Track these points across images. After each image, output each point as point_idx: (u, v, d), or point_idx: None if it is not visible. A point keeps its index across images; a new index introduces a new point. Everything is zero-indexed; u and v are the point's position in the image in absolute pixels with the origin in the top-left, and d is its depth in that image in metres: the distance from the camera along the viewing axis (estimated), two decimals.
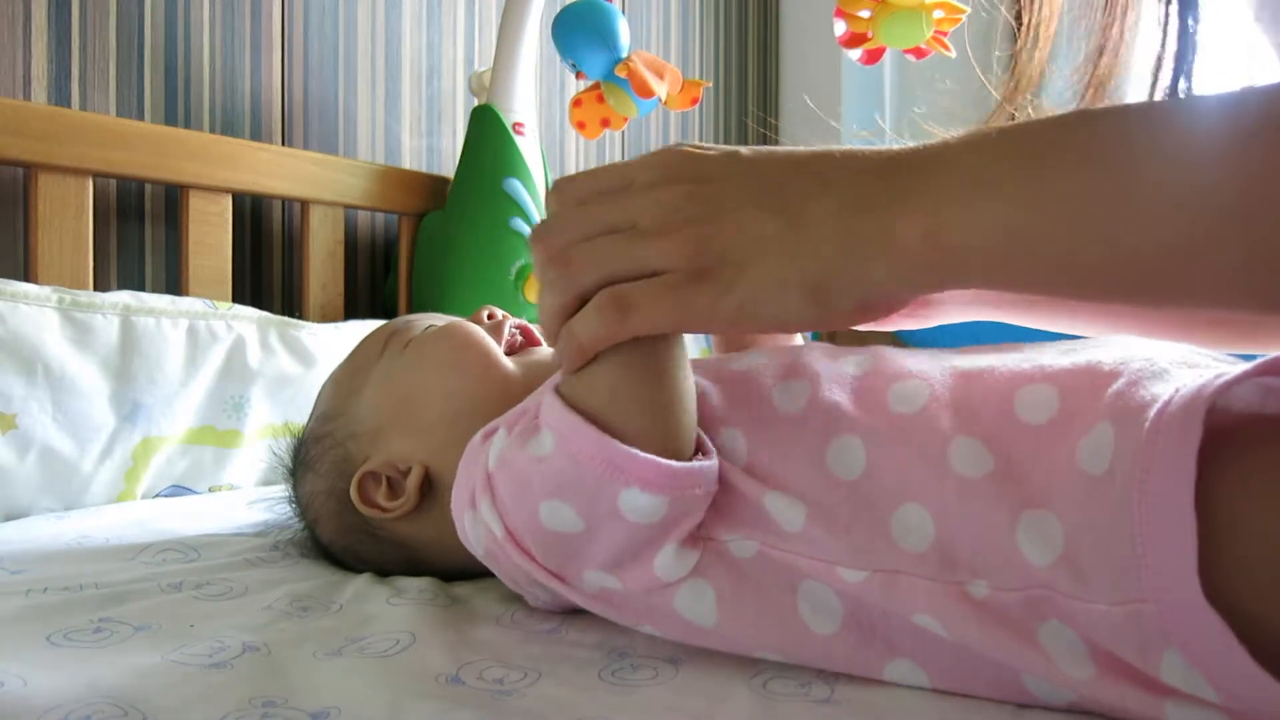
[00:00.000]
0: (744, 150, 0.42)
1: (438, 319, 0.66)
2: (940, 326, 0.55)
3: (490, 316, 0.65)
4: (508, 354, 0.61)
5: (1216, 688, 0.34)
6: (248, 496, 0.87)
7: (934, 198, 0.37)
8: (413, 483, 0.57)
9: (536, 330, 0.64)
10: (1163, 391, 0.37)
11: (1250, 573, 0.34)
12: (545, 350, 0.63)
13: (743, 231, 0.39)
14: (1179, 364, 0.39)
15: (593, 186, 0.43)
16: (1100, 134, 0.36)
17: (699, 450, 0.44)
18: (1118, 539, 0.35)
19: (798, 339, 0.62)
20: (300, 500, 0.64)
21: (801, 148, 0.42)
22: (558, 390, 0.44)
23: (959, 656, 0.39)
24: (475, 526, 0.47)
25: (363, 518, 0.58)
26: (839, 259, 0.38)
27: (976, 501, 0.39)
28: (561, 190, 0.44)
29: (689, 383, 0.44)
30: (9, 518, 0.79)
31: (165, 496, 0.91)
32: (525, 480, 0.44)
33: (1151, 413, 0.36)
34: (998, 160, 0.37)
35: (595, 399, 0.42)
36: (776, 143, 2.11)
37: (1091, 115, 0.37)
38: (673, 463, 0.41)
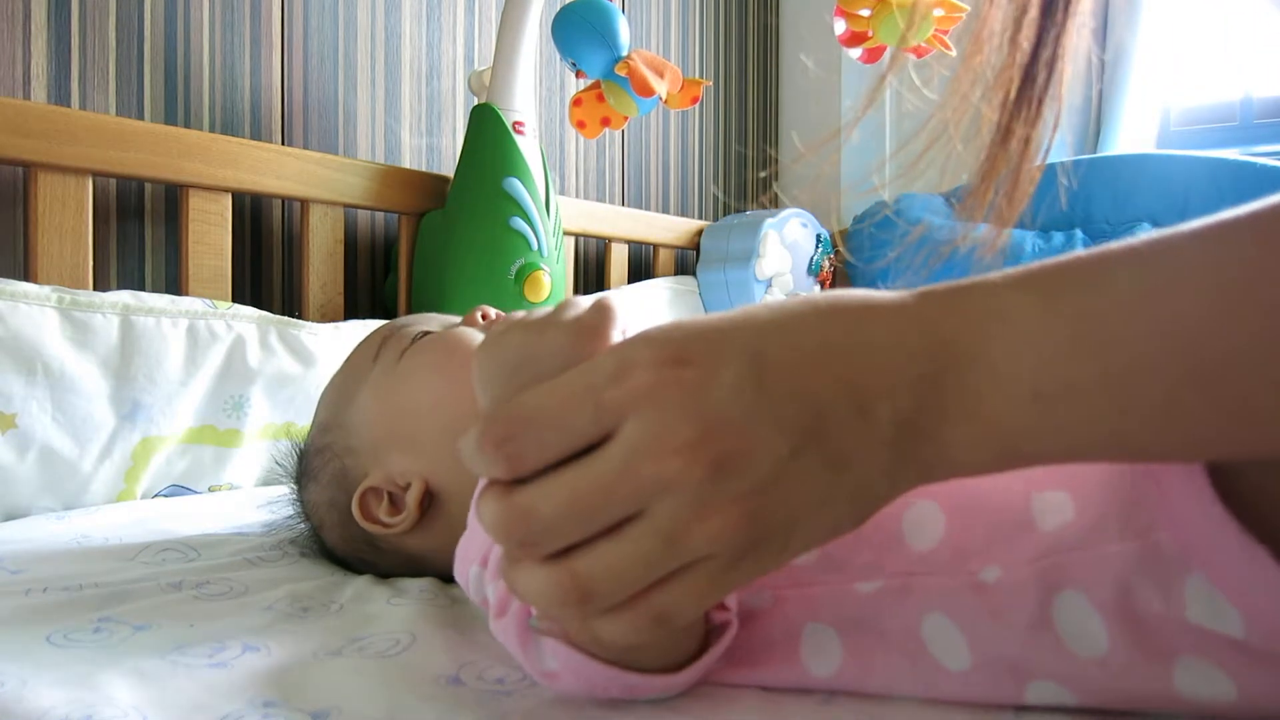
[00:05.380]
0: (744, 364, 0.31)
1: (433, 321, 0.66)
2: None
3: (484, 316, 0.64)
4: None
5: (1240, 608, 0.34)
6: (248, 496, 0.87)
7: (993, 416, 0.31)
8: (413, 499, 0.56)
9: None
10: None
11: (1261, 478, 0.34)
12: None
13: (790, 495, 0.31)
14: None
15: (553, 442, 0.31)
16: (1177, 309, 0.30)
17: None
18: (1122, 475, 0.36)
19: None
20: (305, 507, 0.65)
21: (801, 332, 0.32)
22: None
23: (964, 685, 0.39)
24: (477, 585, 0.46)
25: (365, 530, 0.58)
26: (891, 485, 0.33)
27: (988, 484, 0.40)
28: (509, 451, 0.31)
29: None
30: (9, 517, 0.79)
31: (165, 496, 0.90)
32: (528, 665, 0.40)
33: None
34: (1062, 362, 0.30)
35: (602, 650, 0.37)
36: (776, 141, 2.11)
37: (1155, 286, 0.30)
38: (692, 672, 0.39)
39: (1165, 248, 0.31)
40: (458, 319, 0.66)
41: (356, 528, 0.58)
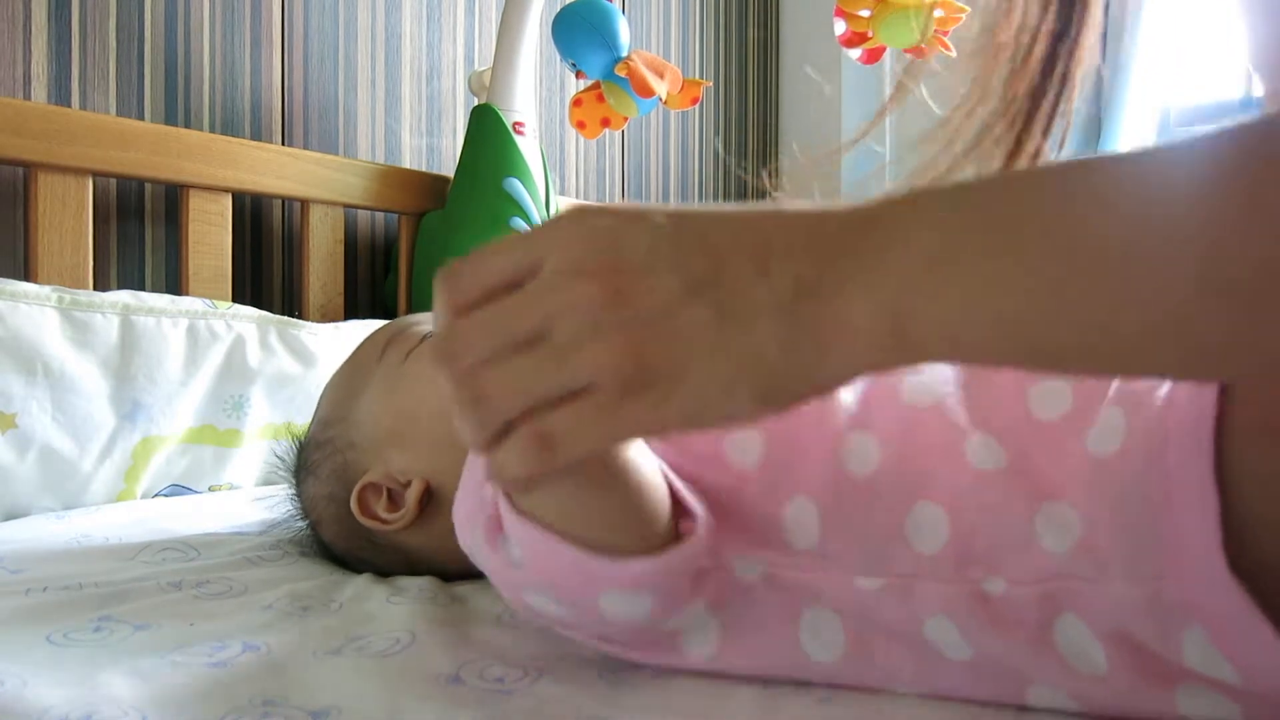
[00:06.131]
0: (663, 219, 0.34)
1: None
2: None
3: None
4: None
5: (1236, 666, 0.34)
6: (248, 496, 0.87)
7: (891, 278, 0.32)
8: (412, 496, 0.57)
9: None
10: None
11: (1274, 541, 0.33)
12: None
13: (677, 334, 0.33)
14: None
15: (488, 280, 0.35)
16: (1072, 197, 0.32)
17: (684, 515, 0.42)
18: (1134, 518, 0.35)
19: None
20: (303, 502, 0.65)
21: (729, 208, 0.35)
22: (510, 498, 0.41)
23: (965, 676, 0.39)
24: (476, 544, 0.46)
25: (363, 526, 0.58)
26: (786, 354, 0.33)
27: (992, 493, 0.39)
28: (453, 287, 0.36)
29: (643, 473, 0.41)
30: (9, 517, 0.79)
31: (165, 496, 0.90)
32: (504, 579, 0.43)
33: (1162, 391, 0.36)
34: (960, 234, 0.32)
35: (548, 516, 0.40)
36: (777, 140, 2.10)
37: (1061, 175, 0.33)
38: (649, 561, 0.39)
39: (1084, 163, 0.33)
40: None
41: (355, 523, 0.58)
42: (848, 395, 0.45)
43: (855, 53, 1.12)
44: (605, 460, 0.39)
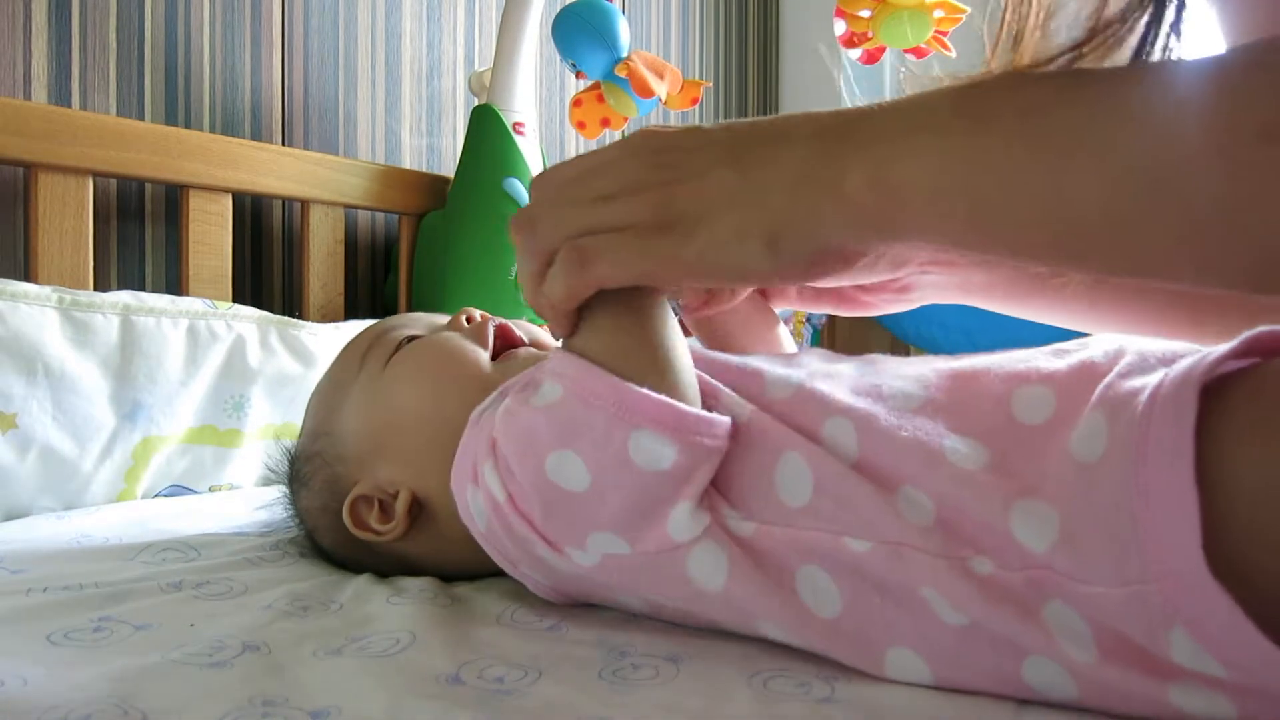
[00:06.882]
0: (707, 125, 0.44)
1: (419, 323, 0.65)
2: (936, 334, 0.56)
3: (469, 320, 0.64)
4: (492, 357, 0.61)
5: (1225, 664, 0.34)
6: (248, 496, 0.87)
7: (881, 143, 0.39)
8: (401, 507, 0.56)
9: (515, 329, 0.64)
10: (1151, 381, 0.37)
11: (1254, 546, 0.34)
12: (526, 351, 0.62)
13: (702, 188, 0.41)
14: (1170, 357, 0.40)
15: (566, 173, 0.46)
16: (1050, 93, 0.37)
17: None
18: (1116, 523, 0.36)
19: (791, 345, 0.62)
20: (299, 512, 0.65)
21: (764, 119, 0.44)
22: (560, 345, 0.46)
23: (961, 641, 0.39)
24: (476, 499, 0.47)
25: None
26: (791, 207, 0.40)
27: (971, 490, 0.40)
28: (539, 181, 0.47)
29: (684, 349, 0.46)
30: (9, 517, 0.79)
31: (165, 496, 0.91)
32: (531, 433, 0.44)
33: (1143, 398, 0.37)
34: (946, 110, 0.38)
35: (595, 351, 0.44)
36: None
37: (1048, 75, 0.38)
38: (682, 405, 0.42)
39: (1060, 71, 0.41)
40: (444, 319, 0.66)
41: (349, 532, 0.58)
42: (829, 385, 0.45)
43: (855, 53, 1.12)
44: (644, 313, 0.45)
